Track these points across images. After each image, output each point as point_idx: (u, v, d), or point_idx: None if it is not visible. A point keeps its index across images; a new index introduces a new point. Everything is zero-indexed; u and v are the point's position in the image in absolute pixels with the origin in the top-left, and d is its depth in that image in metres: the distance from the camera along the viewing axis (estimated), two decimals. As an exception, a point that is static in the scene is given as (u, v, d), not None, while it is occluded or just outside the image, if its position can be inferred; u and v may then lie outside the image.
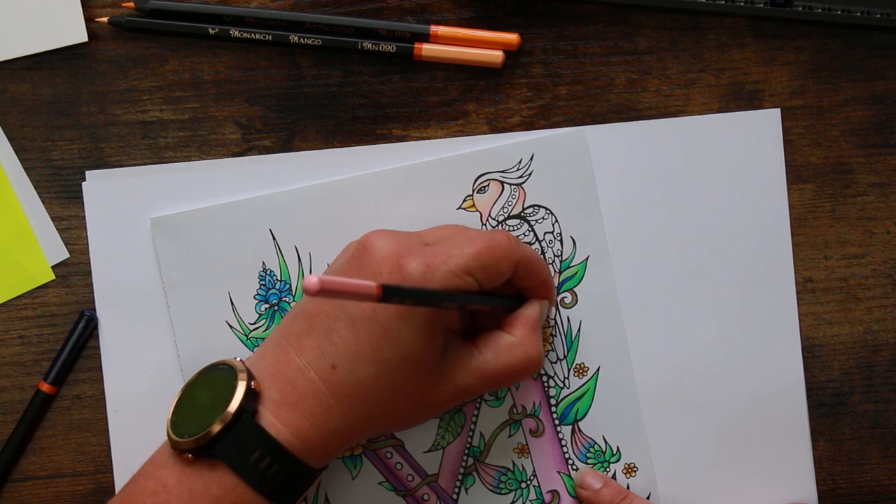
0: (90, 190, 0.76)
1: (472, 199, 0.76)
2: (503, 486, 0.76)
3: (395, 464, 0.76)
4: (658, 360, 0.76)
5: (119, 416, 0.76)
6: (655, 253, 0.76)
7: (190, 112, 0.76)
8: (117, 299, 0.76)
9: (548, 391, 0.76)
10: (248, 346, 0.76)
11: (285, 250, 0.76)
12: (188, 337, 0.75)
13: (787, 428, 0.76)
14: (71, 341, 0.75)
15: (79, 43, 0.76)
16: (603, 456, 0.76)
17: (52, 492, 0.77)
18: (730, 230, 0.76)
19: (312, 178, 0.76)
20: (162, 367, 0.76)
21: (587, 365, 0.76)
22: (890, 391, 0.77)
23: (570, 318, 0.76)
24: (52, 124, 0.76)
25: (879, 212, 0.77)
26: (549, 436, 0.76)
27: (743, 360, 0.76)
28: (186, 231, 0.75)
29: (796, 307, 0.76)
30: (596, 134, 0.76)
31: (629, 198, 0.76)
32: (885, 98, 0.76)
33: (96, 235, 0.76)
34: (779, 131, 0.76)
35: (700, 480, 0.76)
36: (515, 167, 0.76)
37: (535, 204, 0.76)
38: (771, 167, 0.76)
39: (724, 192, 0.76)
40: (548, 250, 0.76)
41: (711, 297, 0.76)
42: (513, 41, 0.75)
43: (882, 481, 0.78)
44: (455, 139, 0.76)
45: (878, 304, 0.77)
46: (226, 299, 0.76)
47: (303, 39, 0.75)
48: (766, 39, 0.76)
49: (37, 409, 0.76)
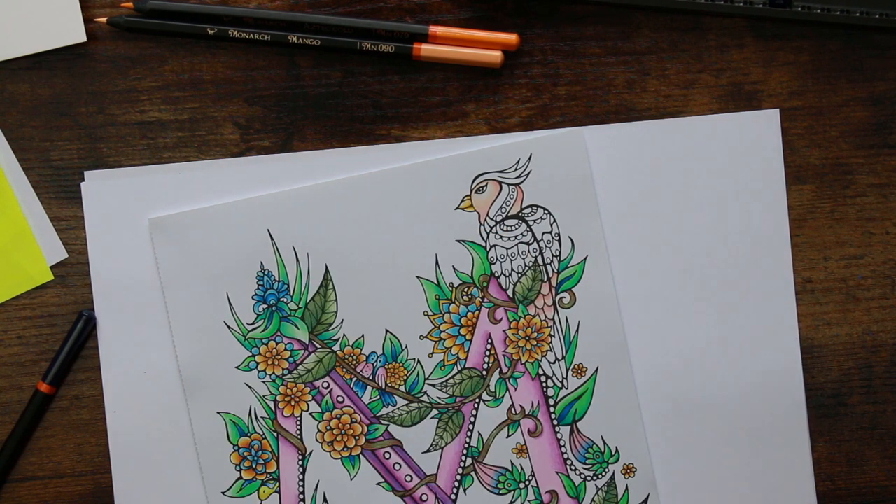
0: (89, 190, 0.76)
1: (470, 199, 0.76)
2: (502, 486, 0.76)
3: (393, 464, 0.76)
4: (657, 361, 0.76)
5: (118, 417, 0.76)
6: (654, 253, 0.76)
7: (189, 112, 0.76)
8: (116, 300, 0.76)
9: (546, 391, 0.76)
10: (246, 346, 0.76)
11: (283, 251, 0.76)
12: (186, 338, 0.75)
13: (786, 428, 0.76)
14: (69, 342, 0.75)
15: (78, 43, 0.76)
16: (601, 456, 0.76)
17: (52, 492, 0.77)
18: (728, 230, 0.76)
19: (310, 178, 0.76)
20: (160, 367, 0.76)
21: (586, 365, 0.76)
22: (889, 392, 0.77)
23: (569, 318, 0.76)
24: (51, 124, 0.76)
25: (879, 212, 0.77)
26: (548, 436, 0.76)
27: (742, 360, 0.76)
28: (184, 232, 0.75)
29: (795, 307, 0.76)
30: (594, 134, 0.76)
31: (627, 198, 0.76)
32: (884, 98, 0.76)
33: (95, 236, 0.76)
34: (778, 132, 0.76)
35: (699, 481, 0.76)
36: (513, 167, 0.76)
37: (533, 204, 0.76)
38: (770, 167, 0.76)
39: (722, 192, 0.76)
40: (546, 250, 0.76)
41: (710, 298, 0.76)
42: (512, 41, 0.75)
43: (881, 482, 0.78)
44: (453, 139, 0.76)
45: (878, 304, 0.77)
46: (224, 300, 0.76)
47: (302, 40, 0.75)
48: (766, 40, 0.76)
49: (35, 410, 0.76)
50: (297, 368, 0.76)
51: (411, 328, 0.76)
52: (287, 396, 0.76)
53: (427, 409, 0.76)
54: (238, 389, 0.76)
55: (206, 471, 0.76)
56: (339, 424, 0.76)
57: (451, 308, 0.76)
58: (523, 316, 0.76)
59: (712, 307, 0.76)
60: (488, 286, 0.76)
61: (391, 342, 0.76)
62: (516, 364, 0.76)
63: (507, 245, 0.76)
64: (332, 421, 0.76)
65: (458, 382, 0.76)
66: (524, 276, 0.76)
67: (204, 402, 0.75)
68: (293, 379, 0.76)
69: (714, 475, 0.76)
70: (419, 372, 0.76)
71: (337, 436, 0.76)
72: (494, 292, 0.76)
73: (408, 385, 0.76)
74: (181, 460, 0.76)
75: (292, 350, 0.76)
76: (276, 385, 0.76)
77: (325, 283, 0.76)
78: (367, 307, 0.76)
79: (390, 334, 0.76)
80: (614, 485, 0.77)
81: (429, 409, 0.76)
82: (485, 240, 0.76)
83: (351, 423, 0.76)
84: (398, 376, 0.76)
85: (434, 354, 0.76)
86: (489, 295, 0.76)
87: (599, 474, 0.76)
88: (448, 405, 0.76)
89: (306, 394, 0.76)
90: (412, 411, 0.76)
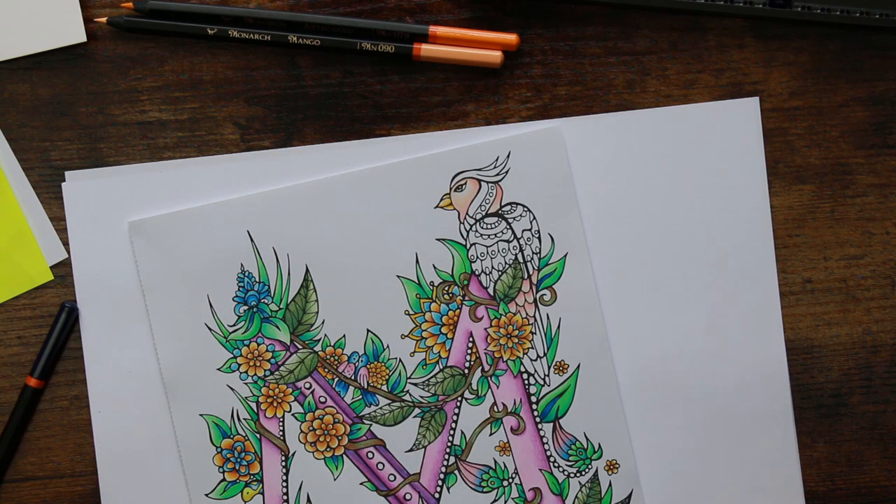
0: (70, 190, 0.76)
1: (450, 197, 0.76)
2: (485, 484, 0.76)
3: (376, 464, 0.76)
4: (639, 357, 0.76)
5: (102, 417, 0.76)
6: (634, 247, 0.76)
7: (189, 112, 0.76)
8: (99, 300, 0.76)
9: (528, 389, 0.76)
10: (228, 348, 0.76)
11: (263, 252, 0.76)
12: (167, 340, 0.75)
13: (770, 422, 0.76)
14: (54, 334, 0.75)
15: (77, 43, 0.76)
16: (584, 453, 0.76)
17: (52, 492, 0.77)
18: (709, 222, 0.76)
19: (289, 178, 0.76)
20: (145, 368, 0.76)
21: (567, 362, 0.76)
22: (889, 392, 0.77)
23: (550, 315, 0.76)
24: (51, 125, 0.76)
25: (878, 212, 0.77)
26: (531, 433, 0.76)
27: (726, 354, 0.76)
28: (164, 234, 0.75)
29: (779, 301, 0.76)
30: (573, 126, 0.76)
31: (607, 192, 0.76)
32: (884, 99, 0.76)
33: (77, 236, 0.76)
34: (758, 120, 0.76)
35: (683, 476, 0.76)
36: (492, 165, 0.76)
37: (512, 201, 0.76)
38: (750, 157, 0.76)
39: (702, 182, 0.76)
40: (526, 248, 0.76)
41: (692, 291, 0.76)
42: (512, 41, 0.75)
43: (881, 482, 0.78)
44: (431, 133, 0.76)
45: (878, 304, 0.77)
46: (205, 302, 0.76)
47: (302, 40, 0.75)
48: (766, 40, 0.76)
49: (26, 405, 0.76)
50: (278, 369, 0.76)
51: (392, 327, 0.76)
52: (269, 397, 0.76)
53: (409, 409, 0.76)
54: (220, 391, 0.76)
55: (190, 473, 0.76)
56: (321, 425, 0.76)
57: (431, 307, 0.76)
58: (504, 314, 0.76)
59: (694, 301, 0.76)
60: (469, 284, 0.76)
61: (373, 342, 0.76)
62: (498, 362, 0.76)
63: (487, 243, 0.76)
64: (315, 421, 0.76)
65: (440, 381, 0.76)
66: (504, 273, 0.76)
67: (186, 405, 0.75)
68: (275, 380, 0.76)
69: (697, 471, 0.76)
70: (401, 371, 0.76)
71: (320, 436, 0.76)
72: (475, 290, 0.76)
73: (390, 384, 0.76)
74: (166, 461, 0.76)
75: (274, 351, 0.76)
76: (258, 386, 0.76)
77: (305, 283, 0.76)
78: (348, 307, 0.76)
79: (371, 334, 0.76)
80: (598, 481, 0.77)
81: (411, 409, 0.76)
82: (465, 238, 0.76)
83: (333, 423, 0.76)
84: (380, 376, 0.76)
85: (416, 353, 0.76)
86: (470, 293, 0.76)
87: (583, 471, 0.76)
88: (430, 404, 0.76)
89: (288, 395, 0.76)
90: (395, 410, 0.76)
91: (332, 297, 0.76)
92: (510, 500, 0.76)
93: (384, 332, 0.76)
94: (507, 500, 0.76)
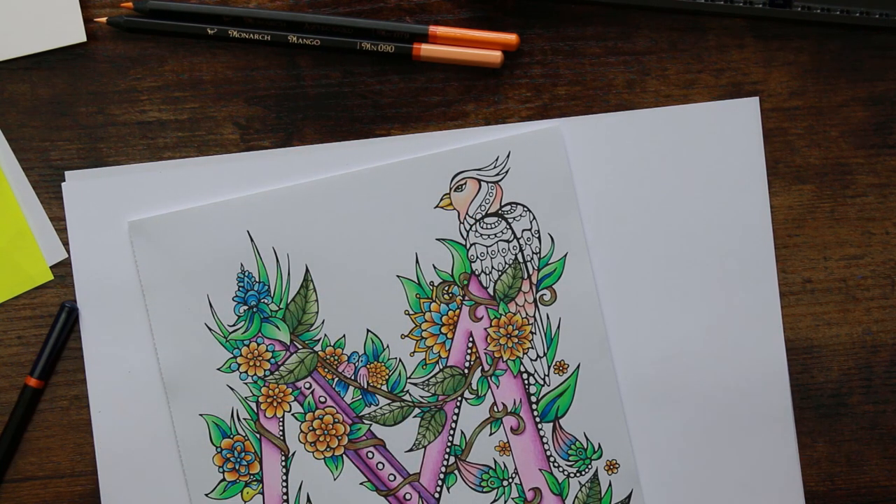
0: (70, 190, 0.76)
1: (450, 197, 0.76)
2: (485, 484, 0.77)
3: (376, 464, 0.76)
4: (639, 357, 0.76)
5: (102, 417, 0.76)
6: (634, 247, 0.76)
7: (189, 112, 0.76)
8: (99, 299, 0.76)
9: (528, 388, 0.76)
10: (228, 348, 0.76)
11: (263, 252, 0.76)
12: (167, 340, 0.75)
13: (771, 422, 0.76)
14: (54, 334, 0.75)
15: (77, 43, 0.76)
16: (584, 453, 0.76)
17: (52, 492, 0.77)
18: (709, 222, 0.76)
19: (289, 178, 0.76)
20: (145, 368, 0.76)
21: (567, 362, 0.76)
22: (889, 392, 0.77)
23: (550, 315, 0.76)
24: (51, 124, 0.76)
25: (878, 212, 0.77)
26: (531, 433, 0.76)
27: (726, 354, 0.76)
28: (164, 234, 0.75)
29: (779, 300, 0.76)
30: (572, 126, 0.76)
31: (607, 192, 0.76)
32: (884, 99, 0.76)
33: (77, 236, 0.76)
34: (758, 120, 0.76)
35: (683, 476, 0.76)
36: (492, 165, 0.76)
37: (512, 201, 0.76)
38: (750, 157, 0.76)
39: (702, 182, 0.76)
40: (526, 247, 0.76)
41: (692, 291, 0.76)
42: (511, 41, 0.75)
43: (881, 482, 0.78)
44: (430, 133, 0.76)
45: (877, 304, 0.77)
46: (204, 302, 0.76)
47: (302, 40, 0.75)
48: (766, 40, 0.76)
49: (26, 405, 0.76)
50: (278, 369, 0.76)
51: (392, 327, 0.76)
52: (269, 397, 0.76)
53: (409, 408, 0.76)
54: (220, 391, 0.76)
55: (190, 473, 0.76)
56: (321, 425, 0.76)
57: (431, 307, 0.76)
58: (504, 314, 0.76)
59: (694, 301, 0.76)
60: (469, 284, 0.76)
61: (372, 342, 0.76)
62: (498, 362, 0.76)
63: (487, 243, 0.76)
64: (315, 421, 0.76)
65: (440, 381, 0.76)
66: (504, 273, 0.76)
67: (186, 405, 0.75)
68: (275, 380, 0.76)
69: (697, 470, 0.76)
70: (401, 371, 0.76)
71: (320, 436, 0.76)
72: (475, 290, 0.76)
73: (390, 384, 0.76)
74: (165, 461, 0.76)
75: (274, 351, 0.76)
76: (258, 386, 0.76)
77: (305, 283, 0.76)
78: (348, 307, 0.76)
79: (371, 334, 0.76)
80: (597, 481, 0.77)
81: (411, 408, 0.76)
82: (465, 238, 0.76)
83: (333, 423, 0.76)
84: (380, 376, 0.76)
85: (415, 353, 0.76)
86: (470, 293, 0.76)
87: (582, 471, 0.77)
88: (430, 404, 0.76)
89: (288, 394, 0.76)
90: (394, 410, 0.76)
91: (332, 297, 0.76)
92: (510, 500, 0.76)
93: (384, 332, 0.76)
94: (506, 500, 0.76)
